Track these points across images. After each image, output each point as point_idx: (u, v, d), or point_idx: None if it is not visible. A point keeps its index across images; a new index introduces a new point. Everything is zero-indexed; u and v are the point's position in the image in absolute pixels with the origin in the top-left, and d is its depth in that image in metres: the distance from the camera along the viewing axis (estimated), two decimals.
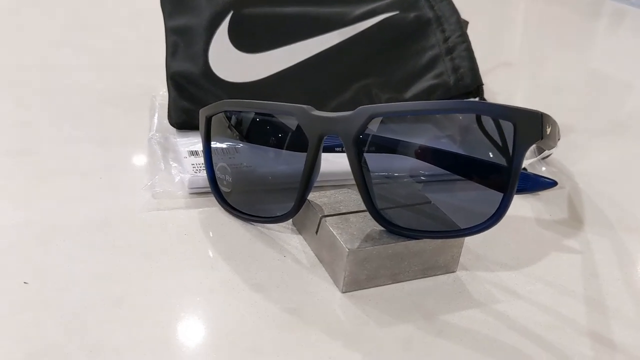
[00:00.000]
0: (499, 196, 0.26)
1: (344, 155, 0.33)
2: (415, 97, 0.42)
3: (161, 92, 0.43)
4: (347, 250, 0.26)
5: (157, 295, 0.26)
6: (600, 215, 0.36)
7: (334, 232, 0.27)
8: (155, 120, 0.39)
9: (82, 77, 0.49)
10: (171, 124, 0.38)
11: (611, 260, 0.32)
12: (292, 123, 0.31)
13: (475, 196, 0.27)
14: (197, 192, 0.34)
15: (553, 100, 0.57)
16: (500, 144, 0.27)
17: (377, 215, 0.28)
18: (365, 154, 0.27)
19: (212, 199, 0.33)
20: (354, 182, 0.35)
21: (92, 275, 0.27)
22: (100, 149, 0.38)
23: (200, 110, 0.33)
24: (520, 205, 0.35)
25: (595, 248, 0.33)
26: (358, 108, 0.27)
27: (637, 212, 0.37)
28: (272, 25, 0.42)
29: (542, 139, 0.26)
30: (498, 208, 0.26)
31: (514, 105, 0.25)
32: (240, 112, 0.31)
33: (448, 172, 0.28)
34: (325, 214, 0.29)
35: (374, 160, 0.28)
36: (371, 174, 0.28)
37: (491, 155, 0.27)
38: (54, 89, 0.46)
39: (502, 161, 0.26)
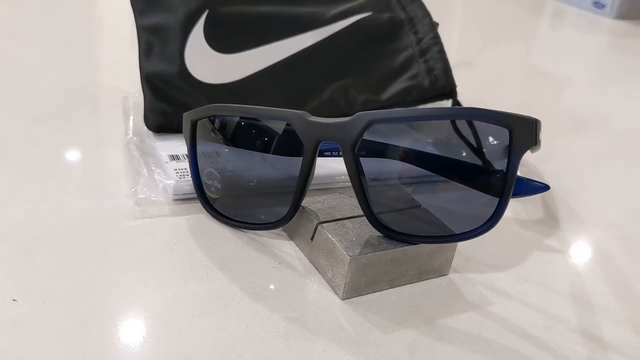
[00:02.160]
0: (494, 201, 0.27)
1: (332, 159, 0.33)
2: (392, 99, 0.42)
3: (134, 92, 0.42)
4: (348, 257, 0.26)
5: (156, 309, 0.25)
6: (573, 213, 0.38)
7: (333, 239, 0.27)
8: (131, 123, 0.38)
9: (45, 75, 0.47)
10: (148, 127, 0.36)
11: (590, 258, 0.33)
12: (283, 128, 0.30)
13: (471, 201, 0.28)
14: (181, 199, 0.33)
15: (511, 98, 0.59)
16: (496, 149, 0.27)
17: (375, 220, 0.28)
18: (362, 159, 0.27)
19: (198, 205, 0.32)
20: (340, 185, 0.36)
21: (85, 290, 0.25)
22: (74, 152, 0.36)
23: (185, 114, 0.32)
24: None
25: (573, 246, 0.34)
26: (356, 114, 0.27)
27: (606, 210, 0.39)
28: (248, 25, 0.41)
29: (536, 144, 0.26)
30: (494, 212, 0.27)
31: (510, 112, 0.26)
32: (230, 116, 0.31)
33: (444, 177, 0.28)
34: (322, 220, 0.28)
35: (370, 166, 0.28)
36: (368, 179, 0.28)
37: (487, 161, 0.27)
38: (15, 87, 0.44)
39: (498, 166, 0.27)
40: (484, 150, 0.27)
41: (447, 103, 0.45)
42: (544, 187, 0.30)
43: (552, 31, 1.01)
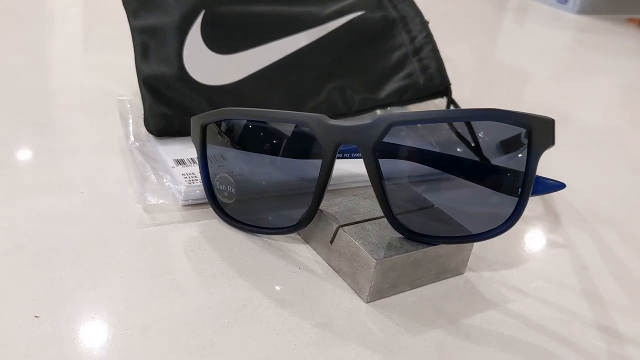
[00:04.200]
0: (513, 200, 0.27)
1: (343, 161, 0.33)
2: (388, 97, 0.42)
3: (128, 95, 0.41)
4: (374, 260, 0.26)
5: (184, 320, 0.24)
6: (571, 208, 0.39)
7: (356, 242, 0.27)
8: (131, 127, 0.37)
9: (28, 78, 0.45)
10: (149, 131, 0.36)
11: (594, 253, 0.34)
12: (297, 131, 0.30)
13: (490, 200, 0.28)
14: (189, 204, 0.32)
15: (477, 93, 0.60)
16: (515, 150, 0.27)
17: (396, 222, 0.28)
18: (381, 162, 0.27)
19: (208, 210, 0.32)
20: (346, 187, 0.36)
21: (107, 303, 0.25)
22: (74, 159, 0.35)
23: (193, 118, 0.31)
24: None
25: (577, 241, 0.35)
26: (376, 117, 0.26)
27: (602, 204, 0.40)
28: (244, 25, 0.40)
29: (553, 144, 0.27)
30: (514, 211, 0.27)
31: (529, 113, 0.26)
32: (243, 120, 0.30)
33: (462, 177, 0.29)
34: (342, 223, 0.28)
35: (390, 168, 0.28)
36: (388, 181, 0.28)
37: (506, 161, 0.28)
38: (1, 92, 0.42)
39: (517, 166, 0.27)
40: (503, 151, 0.28)
41: (442, 101, 0.45)
42: (560, 186, 0.31)
43: (517, 26, 1.03)
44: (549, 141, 0.27)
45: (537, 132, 0.26)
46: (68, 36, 0.56)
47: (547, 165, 0.44)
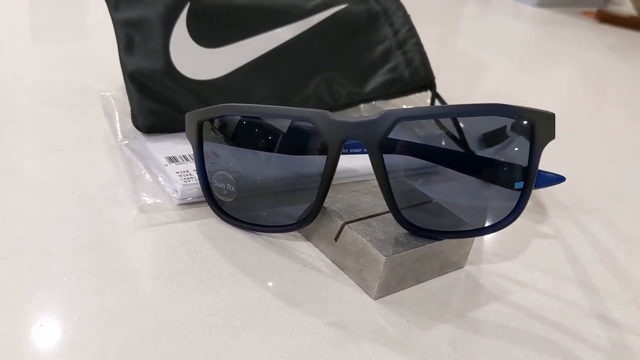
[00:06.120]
0: (516, 193, 0.27)
1: (342, 157, 0.33)
2: (374, 91, 0.42)
3: (110, 89, 0.39)
4: (384, 257, 0.26)
5: (197, 323, 0.24)
6: (555, 199, 0.39)
7: (363, 239, 0.27)
8: (118, 124, 0.35)
9: None
10: (137, 128, 0.34)
11: (582, 242, 0.35)
12: (297, 127, 0.29)
13: (493, 194, 0.28)
14: (186, 203, 0.31)
15: (439, 85, 0.60)
16: (517, 144, 0.28)
17: (402, 218, 0.28)
18: (386, 158, 0.27)
19: (205, 209, 0.31)
20: (339, 182, 0.36)
21: (114, 308, 0.24)
22: (59, 158, 0.33)
23: (188, 114, 0.30)
24: None
25: (565, 232, 0.36)
26: (382, 112, 0.26)
27: (583, 194, 0.41)
28: (230, 18, 0.39)
29: (554, 137, 0.27)
30: (517, 204, 0.27)
31: (532, 107, 0.27)
32: (242, 116, 0.29)
33: (466, 172, 0.29)
34: (346, 220, 0.28)
35: (395, 163, 0.28)
36: (392, 177, 0.28)
37: (509, 155, 0.28)
38: None
39: (520, 160, 0.28)
40: (506, 145, 0.28)
41: (427, 95, 0.45)
42: (560, 179, 0.31)
43: (478, 17, 1.05)
44: (551, 135, 0.27)
45: (539, 126, 0.27)
46: (32, 28, 0.54)
47: None
